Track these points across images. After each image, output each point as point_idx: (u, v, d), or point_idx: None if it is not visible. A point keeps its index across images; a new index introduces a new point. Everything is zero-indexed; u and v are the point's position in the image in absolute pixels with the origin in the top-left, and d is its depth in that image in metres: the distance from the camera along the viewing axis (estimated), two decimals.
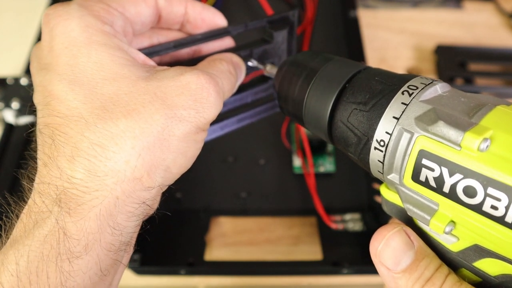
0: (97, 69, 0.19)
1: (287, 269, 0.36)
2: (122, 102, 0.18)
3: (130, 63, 0.20)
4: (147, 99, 0.19)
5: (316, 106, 0.22)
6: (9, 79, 0.44)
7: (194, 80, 0.20)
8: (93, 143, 0.18)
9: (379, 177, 0.20)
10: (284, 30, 0.28)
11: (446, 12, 0.56)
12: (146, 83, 0.19)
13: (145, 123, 0.18)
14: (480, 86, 0.48)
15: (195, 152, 0.21)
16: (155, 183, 0.19)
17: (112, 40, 0.20)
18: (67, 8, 0.20)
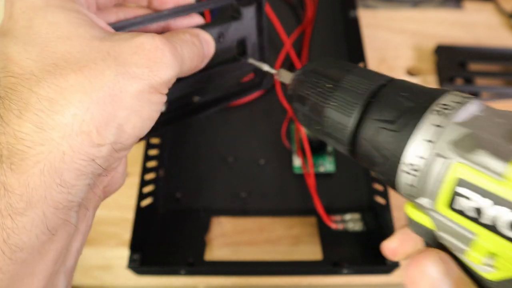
0: (52, 29, 0.19)
1: (287, 269, 0.36)
2: (74, 59, 0.19)
3: (86, 23, 0.20)
4: (100, 57, 0.19)
5: (338, 121, 0.21)
6: None
7: (149, 41, 0.20)
8: (42, 97, 0.18)
9: (407, 198, 0.20)
10: (252, 6, 0.27)
11: (446, 12, 0.56)
12: (100, 43, 0.19)
13: (95, 78, 0.18)
14: (480, 86, 0.48)
15: (151, 114, 0.20)
16: (105, 140, 0.18)
17: (70, 4, 0.20)
18: None
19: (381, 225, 0.37)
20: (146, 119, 0.20)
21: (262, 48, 0.30)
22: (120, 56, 0.19)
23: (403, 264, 0.38)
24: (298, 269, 0.36)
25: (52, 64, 0.18)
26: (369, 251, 0.37)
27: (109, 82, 0.18)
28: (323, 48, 0.52)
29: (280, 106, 0.45)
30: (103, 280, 0.38)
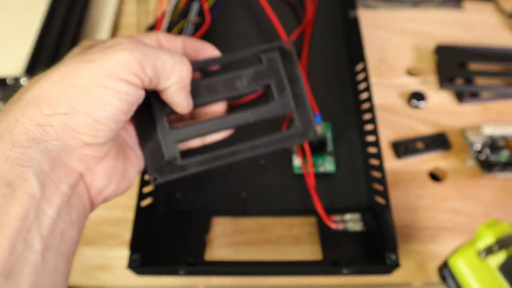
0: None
1: (287, 269, 0.36)
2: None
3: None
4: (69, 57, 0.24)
5: None
6: (9, 79, 0.44)
7: (115, 39, 0.24)
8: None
9: None
10: (272, 53, 0.28)
11: (446, 12, 0.56)
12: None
13: (56, 66, 0.23)
14: (480, 86, 0.48)
15: (113, 101, 0.23)
16: (54, 111, 0.22)
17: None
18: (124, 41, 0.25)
19: (381, 225, 0.37)
20: (98, 100, 0.22)
21: (300, 97, 0.30)
22: (87, 52, 0.23)
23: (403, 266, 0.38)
24: (298, 269, 0.36)
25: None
26: (369, 251, 0.37)
27: (66, 67, 0.22)
28: (323, 48, 0.52)
29: None
30: (103, 280, 0.38)
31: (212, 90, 0.28)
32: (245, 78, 0.28)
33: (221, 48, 0.52)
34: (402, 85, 0.50)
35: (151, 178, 0.26)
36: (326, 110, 0.45)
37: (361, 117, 0.44)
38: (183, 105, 0.27)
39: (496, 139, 0.44)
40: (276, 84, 0.28)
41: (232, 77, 0.28)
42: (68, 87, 0.22)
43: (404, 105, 0.48)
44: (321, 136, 0.43)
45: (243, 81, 0.28)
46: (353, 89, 0.47)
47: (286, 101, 0.28)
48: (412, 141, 0.45)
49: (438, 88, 0.49)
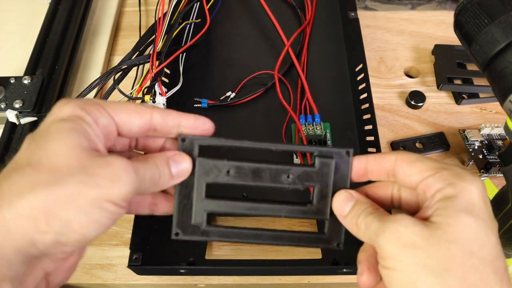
0: (50, 151, 0.22)
1: (287, 268, 0.37)
2: (52, 164, 0.22)
3: (83, 147, 0.23)
4: (73, 165, 0.22)
5: (492, 37, 0.25)
6: (12, 79, 0.45)
7: (118, 161, 0.22)
8: (13, 183, 0.21)
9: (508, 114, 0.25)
10: (328, 160, 0.27)
11: (444, 13, 0.56)
12: (81, 157, 0.22)
13: (61, 179, 0.21)
14: (479, 87, 0.48)
15: (102, 220, 0.22)
16: (51, 229, 0.21)
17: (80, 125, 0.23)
18: (72, 100, 0.25)
19: None
20: (95, 222, 0.22)
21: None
22: (90, 167, 0.22)
23: None
24: (298, 268, 0.37)
25: (35, 162, 0.22)
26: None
27: (71, 185, 0.21)
28: (323, 49, 0.52)
29: (280, 106, 0.46)
30: (104, 279, 0.38)
31: (256, 175, 0.27)
32: (292, 174, 0.27)
33: (221, 48, 0.52)
34: (401, 86, 0.50)
35: (173, 232, 0.27)
36: (325, 110, 0.45)
37: (360, 117, 0.44)
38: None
39: (494, 139, 0.45)
40: (320, 190, 0.27)
41: (280, 169, 0.27)
42: (71, 207, 0.21)
43: (403, 105, 0.49)
44: (321, 136, 0.43)
45: (289, 176, 0.27)
46: (352, 90, 0.48)
47: (323, 209, 0.28)
48: (411, 141, 0.46)
49: (436, 89, 0.49)
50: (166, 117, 0.26)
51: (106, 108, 0.25)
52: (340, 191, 0.26)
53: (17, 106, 0.43)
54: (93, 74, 0.50)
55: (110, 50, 0.54)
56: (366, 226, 0.24)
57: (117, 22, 0.57)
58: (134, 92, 0.42)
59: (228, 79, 0.49)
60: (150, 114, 0.26)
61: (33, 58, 0.48)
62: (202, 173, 0.27)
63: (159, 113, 0.26)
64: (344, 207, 0.26)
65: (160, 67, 0.41)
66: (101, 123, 0.24)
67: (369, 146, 0.41)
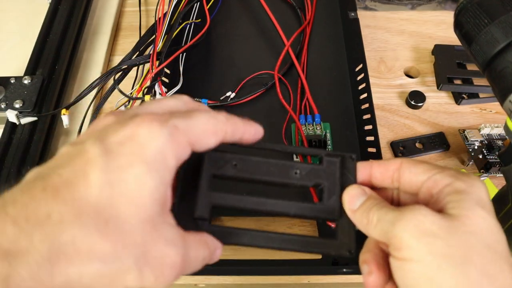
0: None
1: (286, 268, 0.37)
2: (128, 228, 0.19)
3: (160, 217, 0.20)
4: (136, 249, 0.19)
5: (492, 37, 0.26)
6: (12, 79, 0.45)
7: (172, 255, 0.20)
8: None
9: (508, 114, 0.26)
10: (334, 159, 0.27)
11: (444, 13, 0.56)
12: (146, 236, 0.19)
13: (115, 259, 0.18)
14: (479, 87, 0.48)
15: None
16: None
17: (165, 179, 0.20)
18: (162, 126, 0.20)
19: None
20: None
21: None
22: (149, 254, 0.19)
23: None
24: (298, 268, 0.37)
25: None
26: None
27: (123, 268, 0.18)
28: (323, 49, 0.52)
29: (280, 106, 0.46)
30: None
31: (263, 169, 0.27)
32: (301, 170, 0.27)
33: (221, 48, 0.52)
34: (401, 86, 0.50)
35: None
36: (325, 110, 0.45)
37: (360, 117, 0.44)
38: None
39: (494, 139, 0.45)
40: (329, 187, 0.27)
41: (288, 165, 0.27)
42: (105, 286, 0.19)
43: (403, 105, 0.49)
44: (321, 136, 0.43)
45: (297, 172, 0.27)
46: (352, 90, 0.48)
47: (333, 208, 0.27)
48: (411, 141, 0.46)
49: (436, 89, 0.49)
50: (234, 132, 0.24)
51: (190, 137, 0.22)
52: (352, 186, 0.26)
53: (17, 106, 0.43)
54: (93, 74, 0.50)
55: (110, 50, 0.54)
56: (379, 218, 0.23)
57: (117, 22, 0.57)
58: (134, 92, 0.42)
59: (228, 79, 0.49)
60: (225, 133, 0.24)
61: (33, 58, 0.48)
62: (209, 165, 0.26)
63: (231, 129, 0.24)
64: (355, 201, 0.25)
65: (160, 67, 0.41)
66: (181, 160, 0.21)
67: (369, 146, 0.42)
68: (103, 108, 0.46)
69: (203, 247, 0.23)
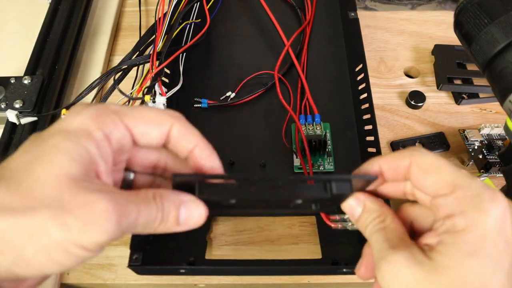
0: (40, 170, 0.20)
1: (286, 268, 0.37)
2: (31, 197, 0.19)
3: (76, 166, 0.20)
4: (52, 198, 0.20)
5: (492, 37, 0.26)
6: (12, 79, 0.45)
7: (103, 203, 0.20)
8: None
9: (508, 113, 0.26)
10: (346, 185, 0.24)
11: (444, 13, 0.56)
12: (64, 189, 0.20)
13: (33, 211, 0.19)
14: (479, 87, 0.48)
15: (65, 262, 0.20)
16: (2, 259, 0.19)
17: (82, 145, 0.21)
18: (88, 107, 0.22)
19: None
20: (56, 263, 0.20)
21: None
22: (67, 203, 0.19)
23: None
24: (298, 268, 0.37)
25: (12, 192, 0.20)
26: None
27: (38, 218, 0.19)
28: (323, 49, 0.52)
29: (280, 106, 0.46)
30: (104, 279, 0.38)
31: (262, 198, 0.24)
32: (303, 200, 0.25)
33: (221, 48, 0.52)
34: (401, 86, 0.50)
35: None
36: (325, 110, 0.45)
37: (360, 117, 0.44)
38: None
39: (494, 139, 0.45)
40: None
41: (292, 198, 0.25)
42: (29, 242, 0.19)
43: (403, 105, 0.49)
44: (321, 136, 0.43)
45: (298, 201, 0.25)
46: (352, 90, 0.48)
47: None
48: (411, 141, 0.46)
49: (436, 89, 0.49)
50: (184, 135, 0.24)
51: (123, 118, 0.23)
52: (348, 199, 0.25)
53: (17, 106, 0.43)
54: (93, 74, 0.50)
55: (110, 50, 0.54)
56: (371, 242, 0.24)
57: (117, 22, 0.57)
58: (134, 92, 0.42)
59: (228, 79, 0.49)
60: (170, 126, 0.23)
61: (33, 58, 0.48)
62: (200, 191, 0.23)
63: (178, 128, 0.24)
64: (353, 213, 0.25)
65: (160, 67, 0.41)
66: (114, 137, 0.22)
67: (369, 146, 0.42)
68: None
69: (150, 204, 0.22)
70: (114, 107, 0.23)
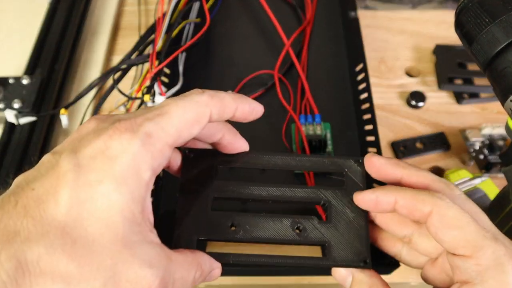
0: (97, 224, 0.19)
1: (287, 268, 0.36)
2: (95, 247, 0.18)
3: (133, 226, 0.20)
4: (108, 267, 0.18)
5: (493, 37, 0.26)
6: (10, 79, 0.44)
7: (148, 277, 0.19)
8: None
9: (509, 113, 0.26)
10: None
11: (445, 13, 0.56)
12: (118, 253, 0.19)
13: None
14: (479, 86, 0.48)
15: None
16: None
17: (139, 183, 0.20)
18: (132, 137, 0.20)
19: None
20: None
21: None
22: (120, 276, 0.18)
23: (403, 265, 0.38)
24: (298, 269, 0.37)
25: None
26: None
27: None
28: (323, 49, 0.52)
29: (280, 106, 0.46)
30: None
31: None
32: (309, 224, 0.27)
33: (221, 48, 0.52)
34: (402, 86, 0.50)
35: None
36: (325, 110, 0.45)
37: (361, 117, 0.44)
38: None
39: (495, 139, 0.44)
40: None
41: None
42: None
43: (404, 105, 0.49)
44: (321, 136, 0.43)
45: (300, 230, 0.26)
46: (352, 89, 0.48)
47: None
48: (411, 141, 0.45)
49: (437, 89, 0.49)
50: (222, 110, 0.24)
51: (166, 138, 0.21)
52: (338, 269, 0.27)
53: (16, 106, 0.43)
54: (93, 74, 0.50)
55: (109, 50, 0.53)
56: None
57: (116, 21, 0.56)
58: (133, 92, 0.41)
59: (228, 79, 0.49)
60: (210, 115, 0.23)
61: (32, 57, 0.48)
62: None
63: (216, 110, 0.23)
64: (345, 283, 0.27)
65: (159, 67, 0.41)
66: (160, 166, 0.21)
67: (369, 146, 0.41)
68: (102, 108, 0.46)
69: (194, 267, 0.23)
70: (153, 127, 0.20)
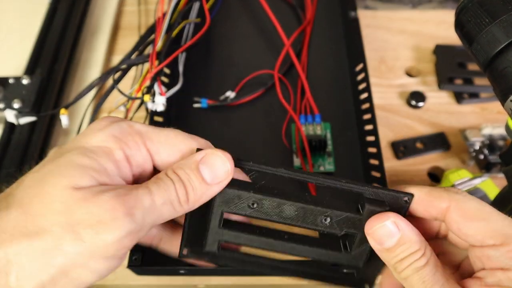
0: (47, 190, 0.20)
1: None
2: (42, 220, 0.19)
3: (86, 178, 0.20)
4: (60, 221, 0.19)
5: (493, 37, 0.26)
6: (10, 79, 0.44)
7: (109, 201, 0.18)
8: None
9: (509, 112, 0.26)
10: (380, 207, 0.22)
11: (445, 13, 0.56)
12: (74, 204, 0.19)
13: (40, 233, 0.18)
14: (480, 87, 0.48)
15: (89, 280, 0.19)
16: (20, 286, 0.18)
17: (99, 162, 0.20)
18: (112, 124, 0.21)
19: None
20: (74, 280, 0.19)
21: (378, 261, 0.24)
22: (76, 214, 0.18)
23: None
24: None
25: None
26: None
27: (49, 238, 0.18)
28: (323, 48, 0.52)
29: (280, 106, 0.46)
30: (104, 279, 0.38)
31: (284, 212, 0.24)
32: (331, 218, 0.23)
33: (221, 48, 0.52)
34: (402, 85, 0.50)
35: (181, 253, 0.24)
36: (325, 110, 0.45)
37: (361, 117, 0.44)
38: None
39: (495, 139, 0.44)
40: (361, 237, 0.23)
41: (317, 211, 0.23)
42: (45, 265, 0.18)
43: (404, 105, 0.49)
44: (321, 136, 0.43)
45: (327, 220, 0.23)
46: (352, 89, 0.48)
47: (358, 259, 0.24)
48: (412, 141, 0.45)
49: (437, 88, 0.49)
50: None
51: (147, 142, 0.21)
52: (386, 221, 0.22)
53: (16, 106, 0.42)
54: (93, 74, 0.50)
55: (109, 50, 0.53)
56: (405, 285, 0.21)
57: (116, 21, 0.56)
58: (133, 92, 0.41)
59: (228, 79, 0.49)
60: (192, 150, 0.22)
61: (32, 57, 0.48)
62: (222, 202, 0.23)
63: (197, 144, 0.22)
64: (385, 241, 0.22)
65: (159, 67, 0.41)
66: (134, 161, 0.21)
67: (369, 146, 0.41)
68: (102, 107, 0.46)
69: (161, 181, 0.21)
70: (139, 127, 0.21)
